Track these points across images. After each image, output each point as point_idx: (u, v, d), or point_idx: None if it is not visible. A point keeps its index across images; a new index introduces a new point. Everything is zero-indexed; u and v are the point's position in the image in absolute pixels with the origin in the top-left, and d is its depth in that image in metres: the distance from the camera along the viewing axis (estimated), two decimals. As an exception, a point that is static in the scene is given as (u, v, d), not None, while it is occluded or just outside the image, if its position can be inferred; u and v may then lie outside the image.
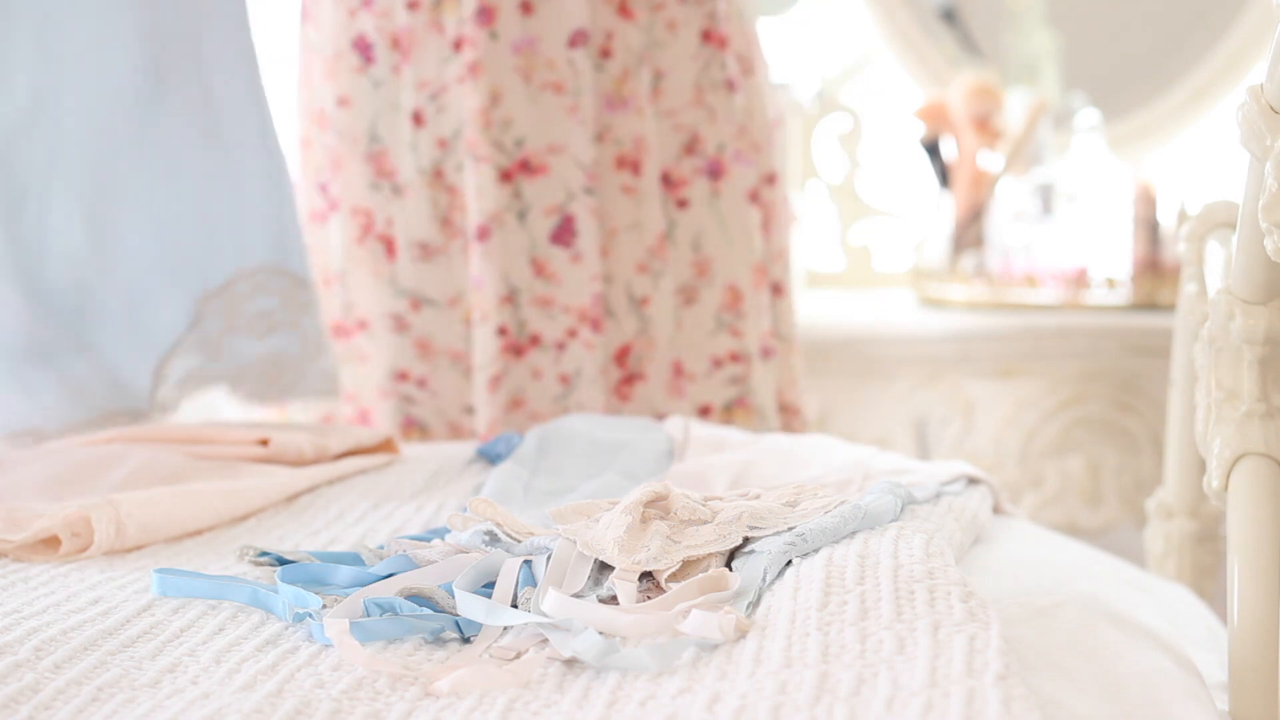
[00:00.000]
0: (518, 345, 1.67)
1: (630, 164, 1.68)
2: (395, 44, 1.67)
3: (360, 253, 1.72)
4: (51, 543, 1.10)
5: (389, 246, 1.70)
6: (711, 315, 1.73)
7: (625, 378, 1.71)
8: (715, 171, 1.71)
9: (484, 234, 1.65)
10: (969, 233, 2.55)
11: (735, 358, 1.73)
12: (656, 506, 1.05)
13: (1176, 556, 1.55)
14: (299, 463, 1.34)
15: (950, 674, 0.77)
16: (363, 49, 1.68)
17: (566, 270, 1.66)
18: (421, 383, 1.72)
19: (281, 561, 1.06)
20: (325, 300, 1.75)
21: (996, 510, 1.27)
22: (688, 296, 1.72)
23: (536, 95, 1.65)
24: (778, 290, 1.80)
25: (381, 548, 1.10)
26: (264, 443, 1.35)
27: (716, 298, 1.72)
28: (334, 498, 1.27)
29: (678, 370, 1.72)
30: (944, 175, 2.62)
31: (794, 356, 1.82)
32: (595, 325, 1.67)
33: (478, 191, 1.64)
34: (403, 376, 1.72)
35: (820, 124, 2.75)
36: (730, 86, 1.71)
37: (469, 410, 1.71)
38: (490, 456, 1.38)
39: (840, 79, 2.82)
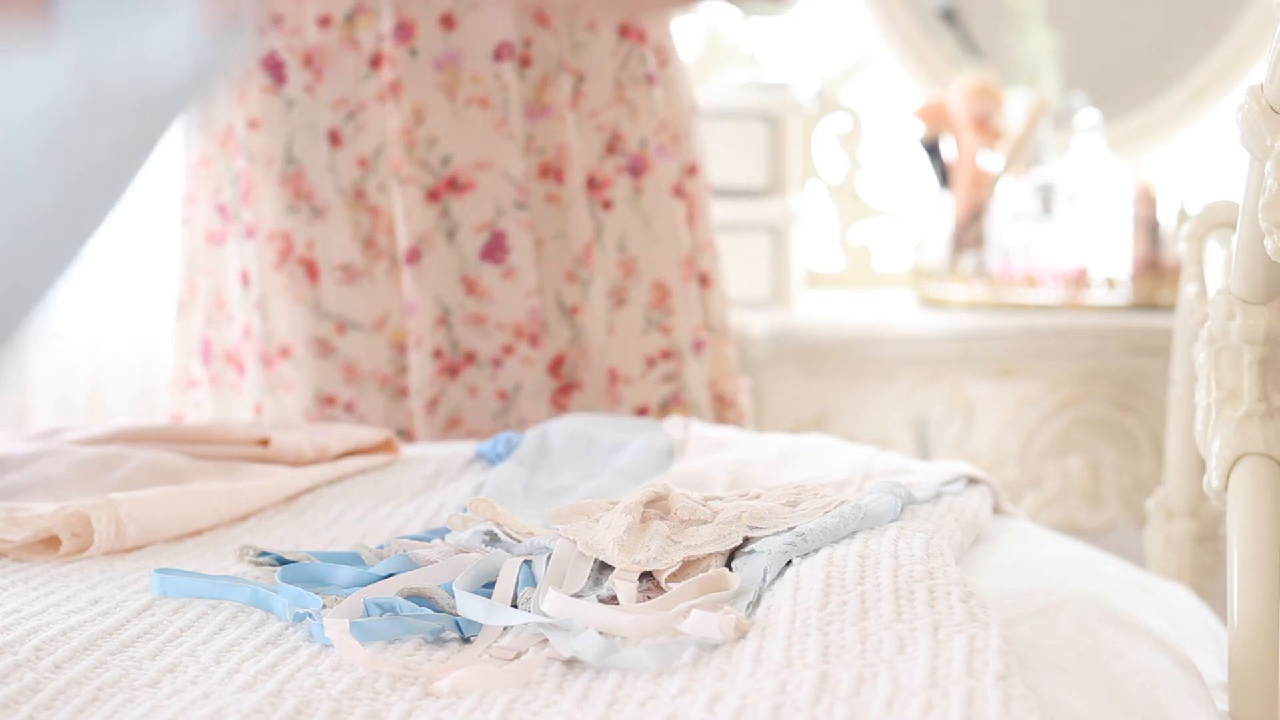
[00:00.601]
0: (453, 365, 1.63)
1: (554, 172, 1.64)
2: (308, 62, 1.61)
3: (279, 278, 1.65)
4: (51, 543, 1.10)
5: (310, 269, 1.64)
6: (641, 315, 1.69)
7: (562, 388, 1.67)
8: (637, 169, 1.68)
9: (414, 256, 1.61)
10: (969, 233, 2.55)
11: (666, 355, 1.69)
12: (656, 506, 1.05)
13: (1176, 556, 1.55)
14: (299, 463, 1.34)
15: (950, 674, 0.77)
16: (273, 68, 1.61)
17: (499, 286, 1.62)
18: (349, 407, 1.66)
19: (281, 561, 1.06)
20: (220, 327, 1.70)
21: (996, 510, 1.27)
22: (618, 298, 1.69)
23: (461, 111, 1.61)
24: (705, 281, 1.75)
25: (381, 548, 1.10)
26: (264, 442, 1.35)
27: (645, 296, 1.69)
28: (334, 498, 1.27)
29: (613, 376, 1.68)
30: (944, 175, 2.62)
31: (726, 347, 1.77)
32: (533, 340, 1.63)
33: (405, 214, 1.60)
34: (329, 401, 1.66)
35: (820, 124, 2.75)
36: (650, 80, 1.68)
37: (400, 433, 1.66)
38: (490, 456, 1.38)
39: (840, 79, 2.82)
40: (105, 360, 2.58)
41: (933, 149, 2.63)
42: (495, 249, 1.62)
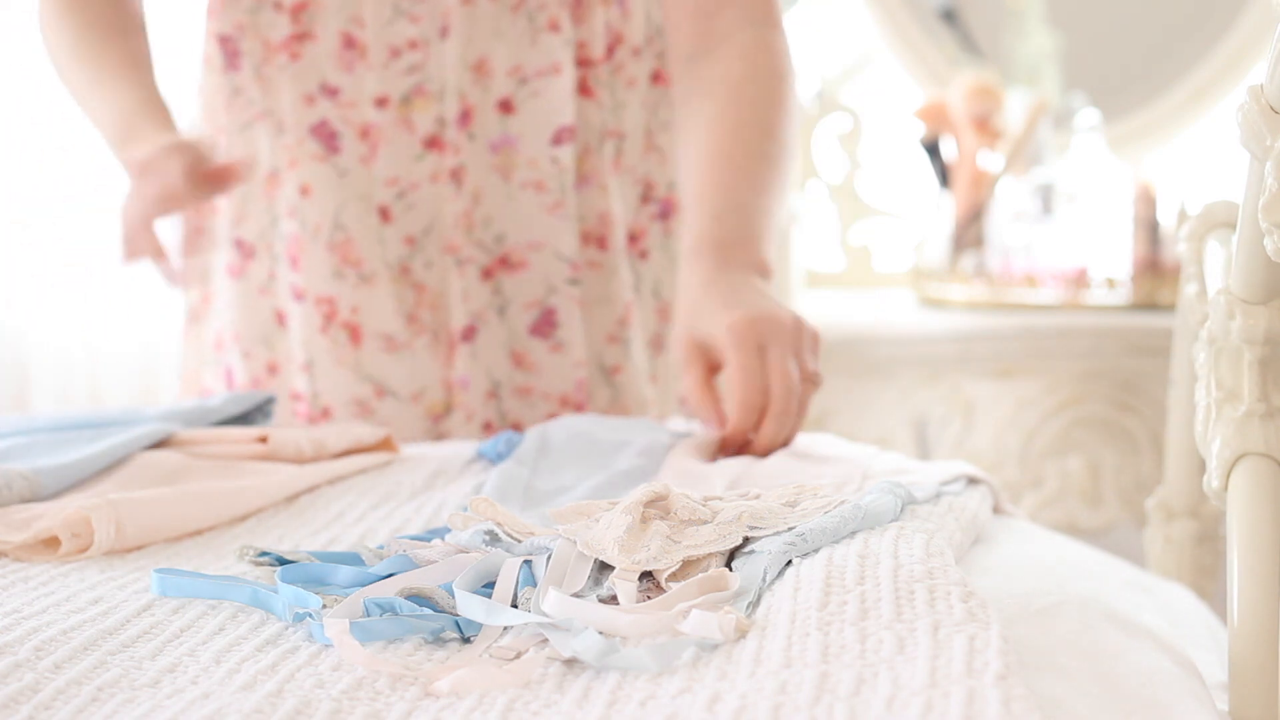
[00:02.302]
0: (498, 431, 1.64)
1: (596, 240, 1.63)
2: (363, 135, 1.60)
3: (324, 342, 1.64)
4: (51, 543, 1.10)
5: (353, 334, 1.63)
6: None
7: None
8: (666, 213, 1.68)
9: (470, 334, 1.61)
10: (969, 233, 2.55)
11: None
12: (656, 506, 1.05)
13: (1176, 556, 1.55)
14: (298, 460, 1.34)
15: (950, 674, 0.77)
16: (325, 137, 1.60)
17: (547, 360, 1.62)
18: None
19: (281, 561, 1.06)
20: (234, 358, 1.69)
21: (996, 510, 1.27)
22: (656, 345, 1.69)
23: (516, 193, 1.60)
24: None
25: (381, 548, 1.10)
26: (263, 440, 1.35)
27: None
28: (334, 497, 1.27)
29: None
30: (944, 175, 2.62)
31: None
32: (578, 409, 1.64)
33: (463, 294, 1.60)
34: None
35: (820, 124, 2.75)
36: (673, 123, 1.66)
37: None
38: (491, 456, 1.38)
39: (840, 79, 2.82)
40: (105, 360, 2.58)
41: (933, 149, 2.63)
42: (545, 325, 1.62)
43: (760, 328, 1.37)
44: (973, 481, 1.25)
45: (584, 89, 1.62)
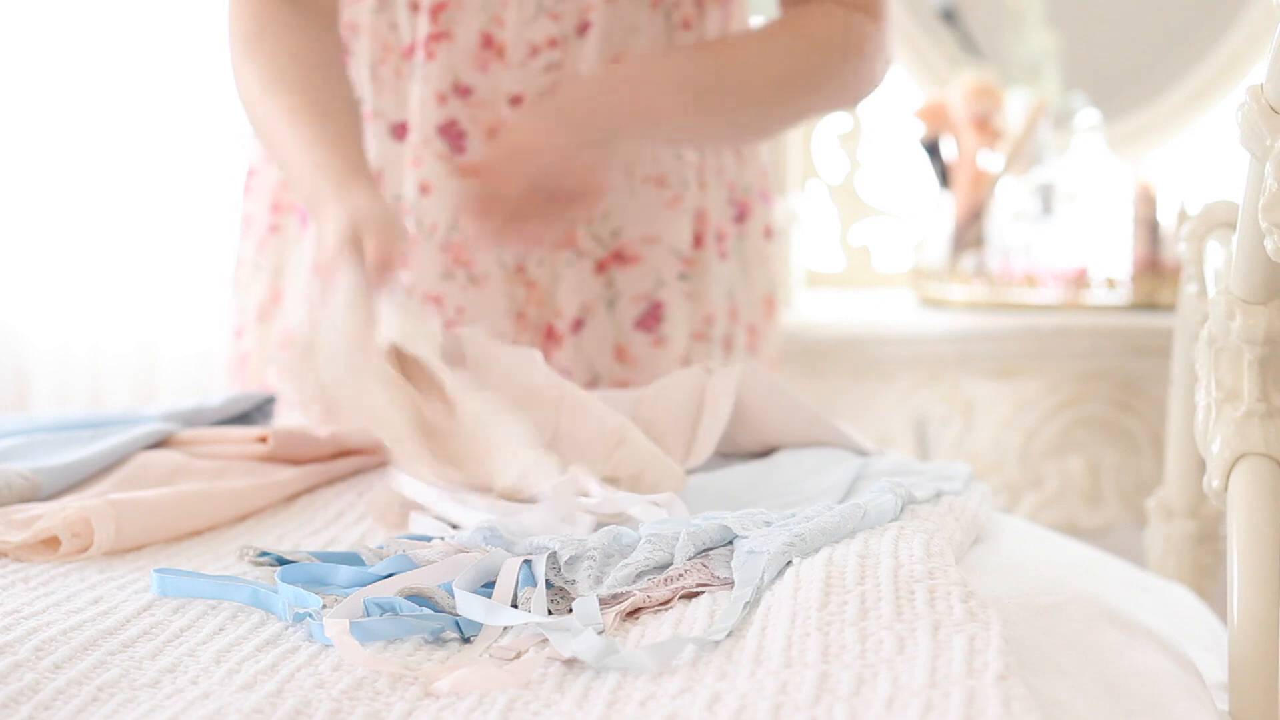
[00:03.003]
0: None
1: (695, 237, 1.65)
2: (491, 135, 1.58)
3: None
4: (51, 543, 1.10)
5: None
6: (740, 359, 1.71)
7: None
8: (741, 216, 1.70)
9: (578, 326, 1.62)
10: (969, 233, 2.55)
11: None
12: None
13: (1176, 556, 1.55)
14: (298, 461, 1.34)
15: (950, 674, 0.77)
16: (453, 136, 1.59)
17: (648, 354, 1.64)
18: None
19: (281, 561, 1.06)
20: None
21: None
22: (726, 345, 1.71)
23: (637, 188, 1.61)
24: (771, 313, 1.79)
25: (381, 548, 1.10)
26: (263, 440, 1.35)
27: (743, 339, 1.72)
28: (334, 497, 1.27)
29: None
30: (944, 175, 2.62)
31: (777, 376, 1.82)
32: None
33: (577, 286, 1.61)
34: None
35: (820, 124, 2.75)
36: None
37: None
38: (490, 456, 1.38)
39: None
40: (105, 360, 2.58)
41: (933, 149, 2.63)
42: (650, 319, 1.63)
43: (525, 138, 1.42)
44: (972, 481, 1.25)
45: None
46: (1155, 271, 2.38)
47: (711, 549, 1.02)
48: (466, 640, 0.92)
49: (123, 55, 2.55)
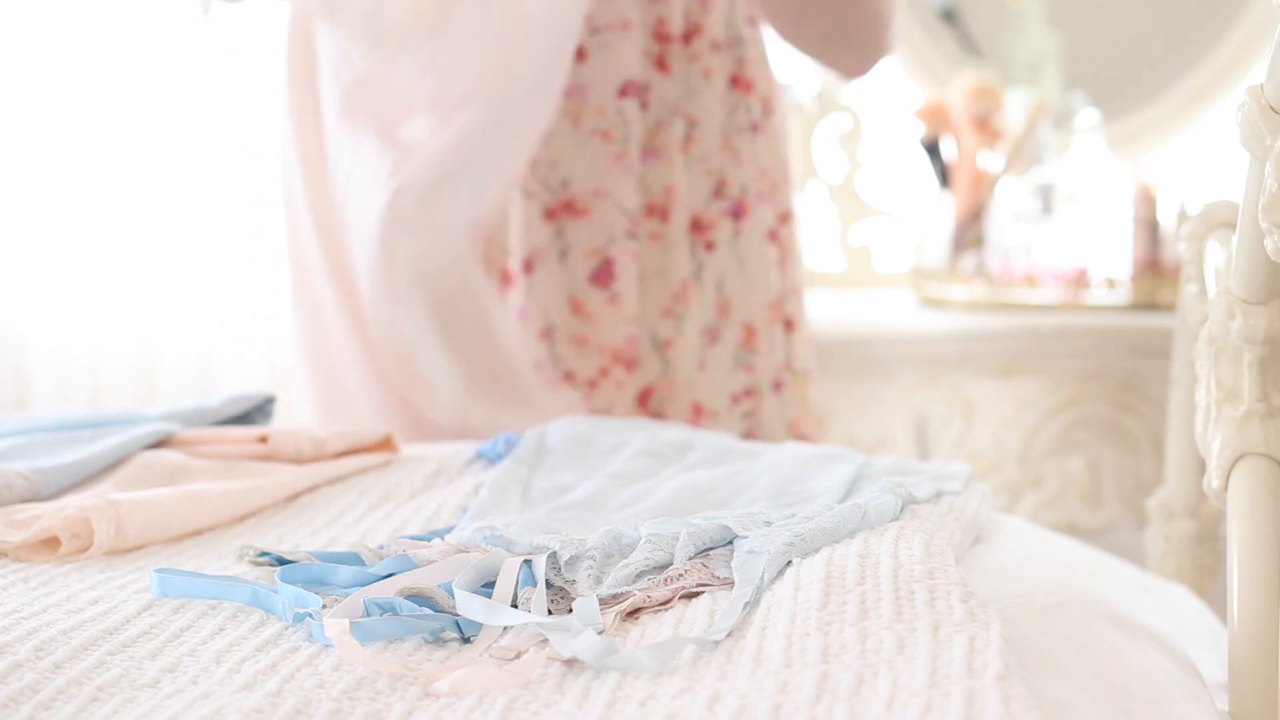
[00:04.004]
0: (550, 381, 1.69)
1: (660, 211, 1.72)
2: None
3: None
4: (51, 543, 1.10)
5: None
6: (731, 353, 1.76)
7: (647, 417, 1.73)
8: (738, 213, 1.75)
9: (529, 266, 1.69)
10: (969, 233, 2.55)
11: (749, 392, 1.77)
12: None
13: (1176, 556, 1.55)
14: (298, 460, 1.34)
15: (950, 674, 0.77)
16: None
17: (603, 311, 1.70)
18: None
19: (281, 561, 1.06)
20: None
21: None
22: (711, 336, 1.76)
23: (585, 140, 1.69)
24: (789, 325, 1.84)
25: (381, 548, 1.10)
26: (263, 440, 1.35)
27: (735, 336, 1.76)
28: (334, 497, 1.27)
29: (697, 410, 1.75)
30: (944, 175, 2.62)
31: (807, 389, 1.86)
32: (629, 365, 1.71)
33: (525, 226, 1.69)
34: None
35: (820, 124, 2.75)
36: (754, 129, 1.76)
37: None
38: (490, 456, 1.38)
39: (840, 79, 2.82)
40: (105, 360, 2.58)
41: (933, 149, 2.63)
42: (603, 274, 1.70)
43: None
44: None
45: (660, 64, 1.71)
46: (1155, 271, 2.38)
47: (711, 549, 1.02)
48: (466, 640, 0.92)
49: (123, 55, 2.54)
